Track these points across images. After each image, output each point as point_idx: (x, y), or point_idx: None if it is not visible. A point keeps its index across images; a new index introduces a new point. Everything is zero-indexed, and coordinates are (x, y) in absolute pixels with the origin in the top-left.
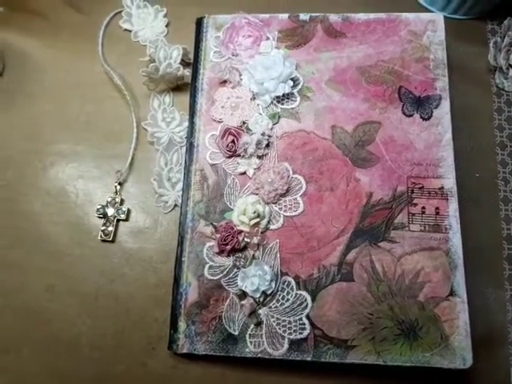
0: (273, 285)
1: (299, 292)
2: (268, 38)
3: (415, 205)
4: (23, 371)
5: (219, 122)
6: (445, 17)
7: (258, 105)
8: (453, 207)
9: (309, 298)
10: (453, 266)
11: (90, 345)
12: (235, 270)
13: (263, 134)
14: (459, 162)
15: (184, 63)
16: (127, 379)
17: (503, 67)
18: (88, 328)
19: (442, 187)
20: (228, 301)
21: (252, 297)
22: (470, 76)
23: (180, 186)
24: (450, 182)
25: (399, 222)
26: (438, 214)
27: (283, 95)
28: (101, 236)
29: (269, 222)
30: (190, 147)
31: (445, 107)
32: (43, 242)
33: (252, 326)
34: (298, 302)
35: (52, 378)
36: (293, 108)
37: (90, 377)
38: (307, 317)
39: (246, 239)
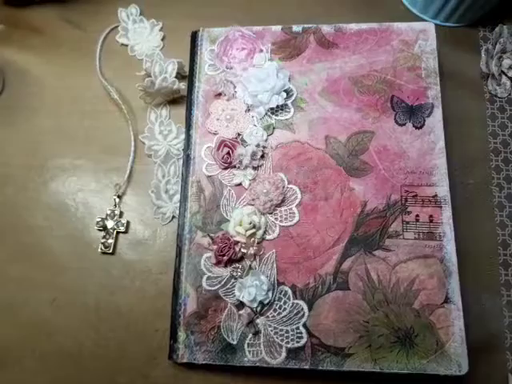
0: (270, 294)
1: (296, 301)
2: (261, 51)
3: (409, 213)
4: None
5: (215, 134)
6: (437, 25)
7: (252, 116)
8: (446, 215)
9: (305, 307)
10: (447, 274)
11: (93, 357)
12: (232, 280)
13: (258, 146)
14: (453, 169)
15: (180, 76)
16: None
17: (495, 74)
18: (90, 340)
19: (436, 195)
20: (226, 311)
21: (249, 307)
22: (463, 83)
23: (177, 197)
24: (443, 190)
25: (393, 231)
26: (431, 221)
27: (277, 107)
28: (101, 248)
29: (265, 233)
30: (187, 159)
31: (437, 115)
32: (45, 256)
33: (250, 335)
34: (295, 311)
35: None
36: (287, 119)
37: None
38: (304, 326)
39: (242, 250)
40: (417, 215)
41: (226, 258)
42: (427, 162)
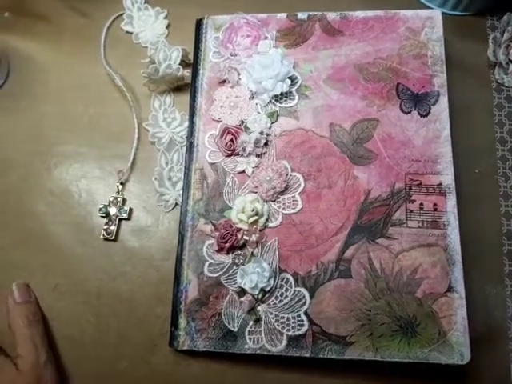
0: (271, 282)
1: (297, 289)
2: (266, 38)
3: (413, 201)
4: None
5: (218, 121)
6: (444, 13)
7: (256, 104)
8: (451, 203)
9: (307, 295)
10: (451, 262)
11: (94, 342)
12: (234, 267)
13: (261, 133)
14: (459, 158)
15: (184, 64)
16: (130, 376)
17: (503, 63)
18: (91, 326)
19: (441, 183)
20: (227, 298)
21: (251, 294)
22: (469, 72)
23: (180, 185)
24: (448, 179)
25: (397, 219)
26: (436, 210)
27: (281, 94)
28: (103, 235)
29: (267, 220)
30: (190, 147)
31: (443, 103)
32: (47, 242)
33: (251, 322)
34: (297, 299)
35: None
36: (291, 106)
37: (94, 374)
38: (305, 313)
39: (244, 237)
40: (421, 203)
41: (228, 244)
42: (432, 151)
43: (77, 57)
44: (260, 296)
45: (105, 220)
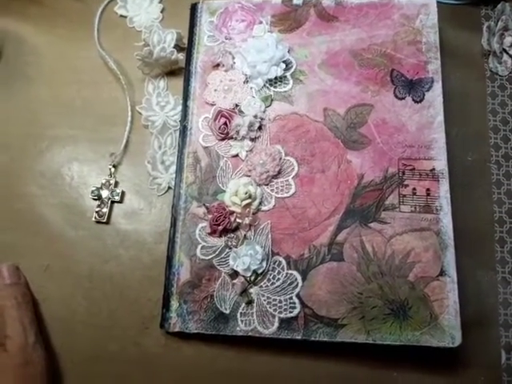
0: (264, 264)
1: (290, 271)
2: (261, 23)
3: (406, 186)
4: None
5: (212, 104)
6: (439, 2)
7: (250, 88)
8: (444, 188)
9: (299, 278)
10: (443, 247)
11: (84, 324)
12: (227, 250)
13: (255, 117)
14: (452, 146)
15: (178, 48)
16: (120, 358)
17: (497, 51)
18: (82, 308)
19: (434, 169)
20: (220, 280)
21: (243, 276)
22: (463, 60)
23: (173, 168)
24: (441, 164)
25: (390, 203)
26: (428, 195)
27: (276, 78)
28: (95, 217)
29: (260, 204)
30: (184, 130)
31: (437, 90)
32: (38, 224)
33: (243, 304)
34: (289, 282)
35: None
36: (285, 91)
37: (84, 355)
38: (297, 296)
39: (237, 220)
40: (414, 188)
41: (220, 227)
42: (426, 136)
43: (70, 40)
44: (252, 278)
45: (97, 203)
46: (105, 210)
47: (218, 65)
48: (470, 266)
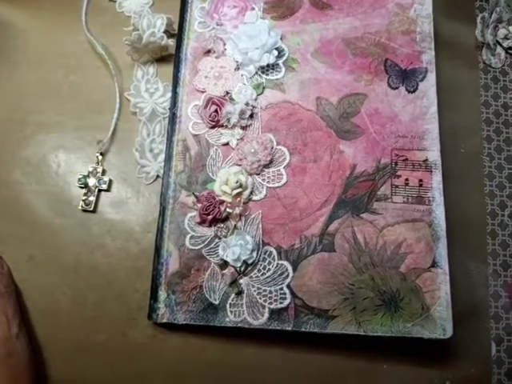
0: (254, 254)
1: (280, 262)
2: (253, 9)
3: (398, 177)
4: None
5: (202, 91)
6: None
7: (242, 75)
8: (436, 179)
9: (290, 268)
10: (435, 238)
11: (70, 315)
12: (217, 240)
13: (247, 104)
14: (445, 138)
15: (169, 34)
16: (107, 349)
17: (490, 43)
18: (67, 298)
19: (427, 159)
20: (209, 270)
21: (233, 266)
22: (457, 52)
23: (162, 157)
24: (434, 155)
25: (382, 194)
26: (421, 186)
27: (268, 66)
28: (82, 206)
29: (251, 193)
30: (173, 117)
31: (430, 80)
32: (23, 212)
33: (233, 295)
34: (279, 272)
35: None
36: (277, 79)
37: (70, 346)
38: (288, 286)
39: (228, 209)
40: (406, 179)
41: (210, 217)
42: (419, 127)
43: (57, 24)
44: (242, 269)
45: (83, 191)
46: (91, 198)
47: (208, 51)
48: (461, 258)
